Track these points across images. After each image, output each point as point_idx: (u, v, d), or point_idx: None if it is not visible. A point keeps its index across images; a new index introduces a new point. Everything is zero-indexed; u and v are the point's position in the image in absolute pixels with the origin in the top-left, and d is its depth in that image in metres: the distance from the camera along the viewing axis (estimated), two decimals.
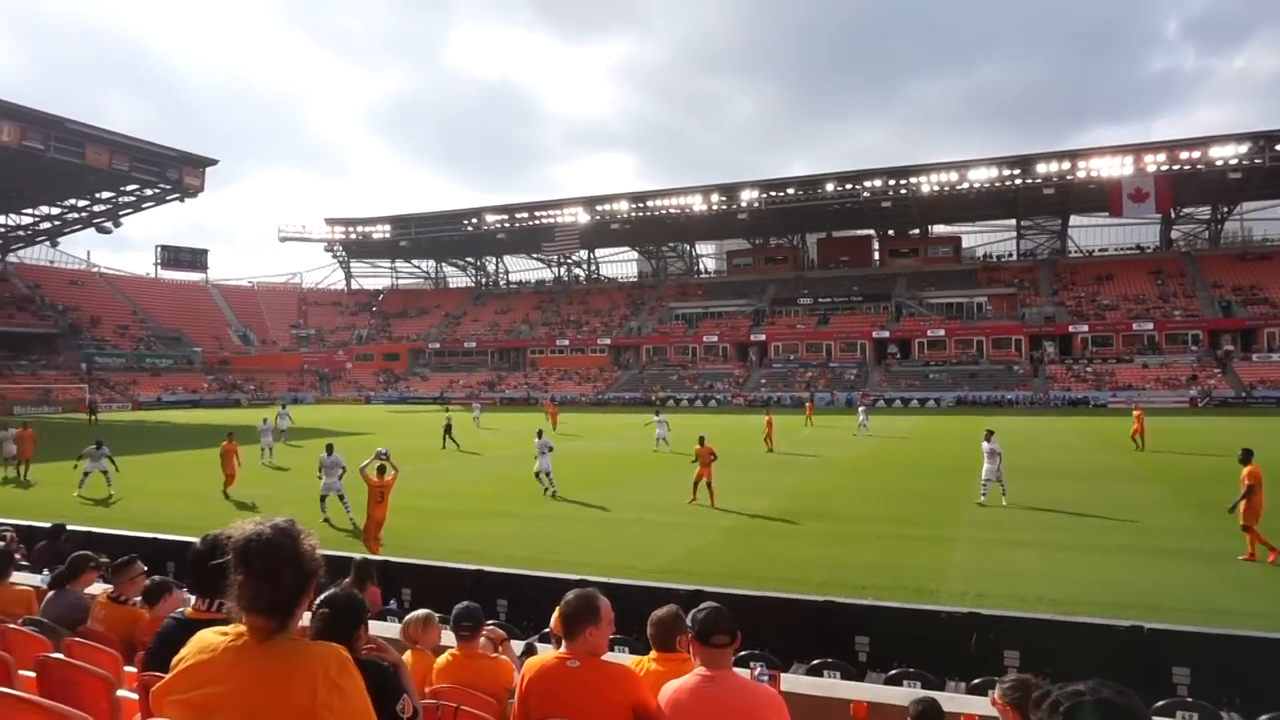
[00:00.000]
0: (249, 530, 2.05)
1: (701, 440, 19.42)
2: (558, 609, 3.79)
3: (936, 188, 72.02)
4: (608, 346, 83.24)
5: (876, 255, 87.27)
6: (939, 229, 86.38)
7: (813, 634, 7.84)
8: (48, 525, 11.28)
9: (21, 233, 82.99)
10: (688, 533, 15.50)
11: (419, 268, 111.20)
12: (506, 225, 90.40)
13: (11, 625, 4.96)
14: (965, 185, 71.17)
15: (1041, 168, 68.71)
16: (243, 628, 2.05)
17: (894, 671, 6.50)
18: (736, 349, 78.27)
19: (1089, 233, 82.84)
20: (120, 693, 3.33)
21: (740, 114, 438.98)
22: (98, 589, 6.93)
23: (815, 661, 6.71)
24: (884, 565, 12.62)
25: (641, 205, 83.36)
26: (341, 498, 17.34)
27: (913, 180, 72.30)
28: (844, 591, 10.42)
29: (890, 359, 71.77)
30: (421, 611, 5.07)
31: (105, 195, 74.70)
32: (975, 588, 11.19)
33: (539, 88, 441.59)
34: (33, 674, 3.55)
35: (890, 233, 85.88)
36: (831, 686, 5.05)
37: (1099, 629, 7.50)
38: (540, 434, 21.57)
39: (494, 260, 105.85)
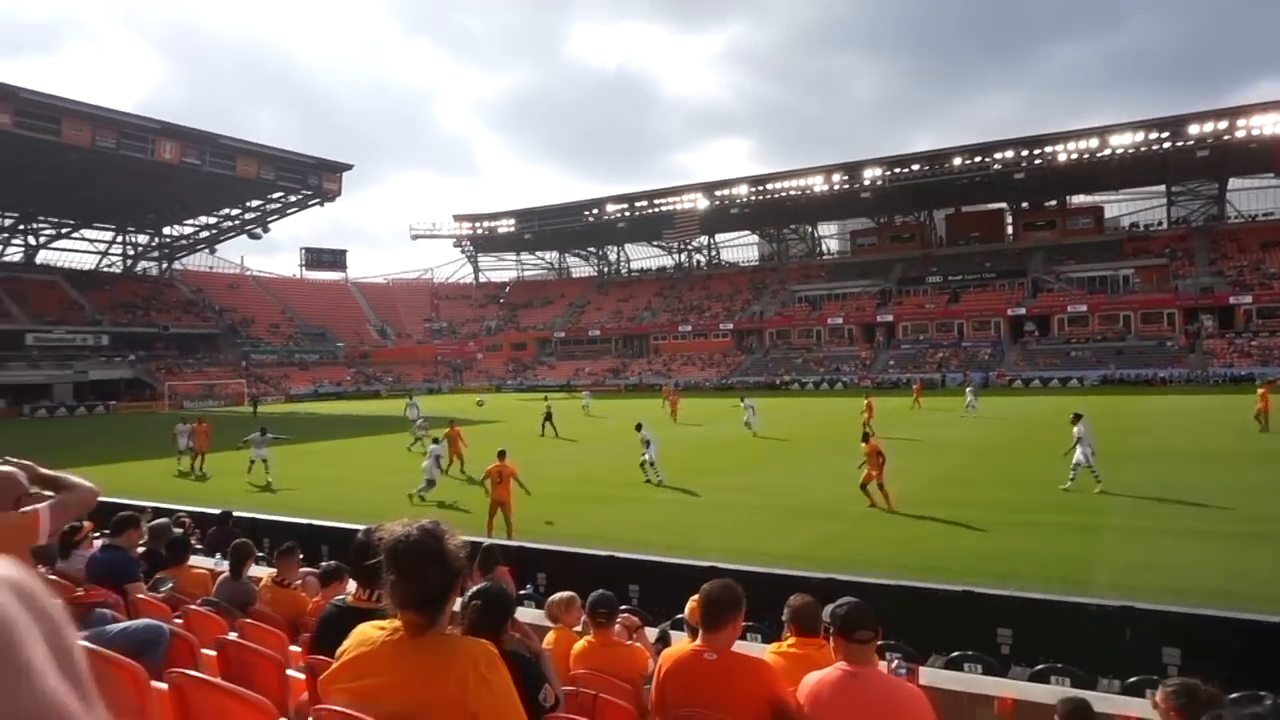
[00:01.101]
0: (398, 532, 2.19)
1: (866, 437, 17.28)
2: (697, 598, 3.82)
3: (1075, 156, 67.68)
4: (730, 331, 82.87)
5: (1010, 229, 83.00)
6: (1078, 199, 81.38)
7: (952, 625, 7.60)
8: (217, 512, 12.23)
9: (184, 242, 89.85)
10: (818, 519, 15.30)
11: (543, 259, 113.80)
12: (626, 214, 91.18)
13: (192, 606, 5.42)
14: (1107, 152, 66.52)
15: (1194, 128, 63.38)
16: (398, 623, 2.19)
17: (1040, 667, 6.25)
18: (862, 330, 76.34)
19: (1251, 196, 75.96)
20: (289, 672, 3.59)
21: (861, 91, 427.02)
22: (262, 572, 7.50)
23: (955, 654, 6.53)
24: (1025, 553, 12.09)
25: (761, 188, 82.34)
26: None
27: (1048, 149, 68.30)
28: (984, 580, 10.04)
29: (1027, 337, 68.31)
30: (565, 593, 5.43)
31: (254, 203, 79.84)
32: (1128, 579, 10.57)
33: (656, 75, 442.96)
34: (214, 653, 3.87)
35: (1024, 205, 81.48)
36: (974, 682, 4.89)
37: (1274, 628, 6.94)
38: (639, 426, 21.32)
39: (615, 249, 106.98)
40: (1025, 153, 69.51)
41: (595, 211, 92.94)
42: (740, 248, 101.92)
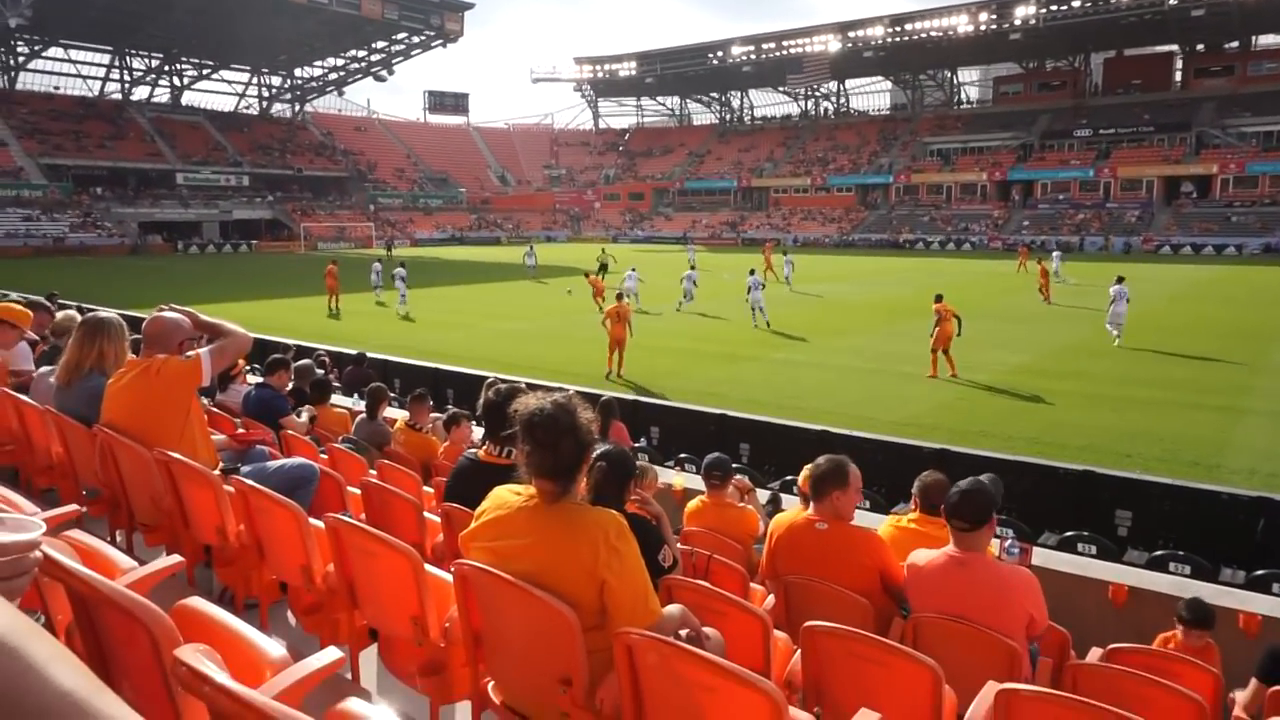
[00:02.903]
0: (532, 405, 2.31)
1: (939, 298, 16.31)
2: (807, 470, 3.89)
3: None
4: (854, 186, 79.58)
5: (1179, 76, 74.72)
6: (1266, 40, 71.92)
7: (1068, 504, 7.47)
8: (353, 352, 13.00)
9: (314, 84, 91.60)
10: (933, 386, 15.04)
11: (664, 104, 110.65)
12: (752, 57, 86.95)
13: (335, 444, 5.88)
14: None
15: None
16: (533, 490, 2.34)
17: (1159, 553, 6.12)
18: (997, 188, 71.80)
19: None
20: (425, 514, 3.89)
21: None
22: (395, 414, 8.02)
23: (1069, 534, 6.45)
24: (1153, 433, 11.60)
25: (899, 29, 76.62)
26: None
27: None
28: (1105, 460, 9.77)
29: (1183, 199, 62.77)
30: (640, 465, 5.47)
31: (379, 44, 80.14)
32: (1267, 466, 10.06)
33: None
34: (358, 492, 4.21)
35: (1199, 48, 72.87)
36: (1087, 565, 4.85)
37: None
38: (752, 271, 23.75)
39: (739, 95, 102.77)
40: None
41: (720, 54, 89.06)
42: (872, 94, 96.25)
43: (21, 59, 72.59)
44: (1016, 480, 7.91)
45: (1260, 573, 5.57)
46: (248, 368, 9.96)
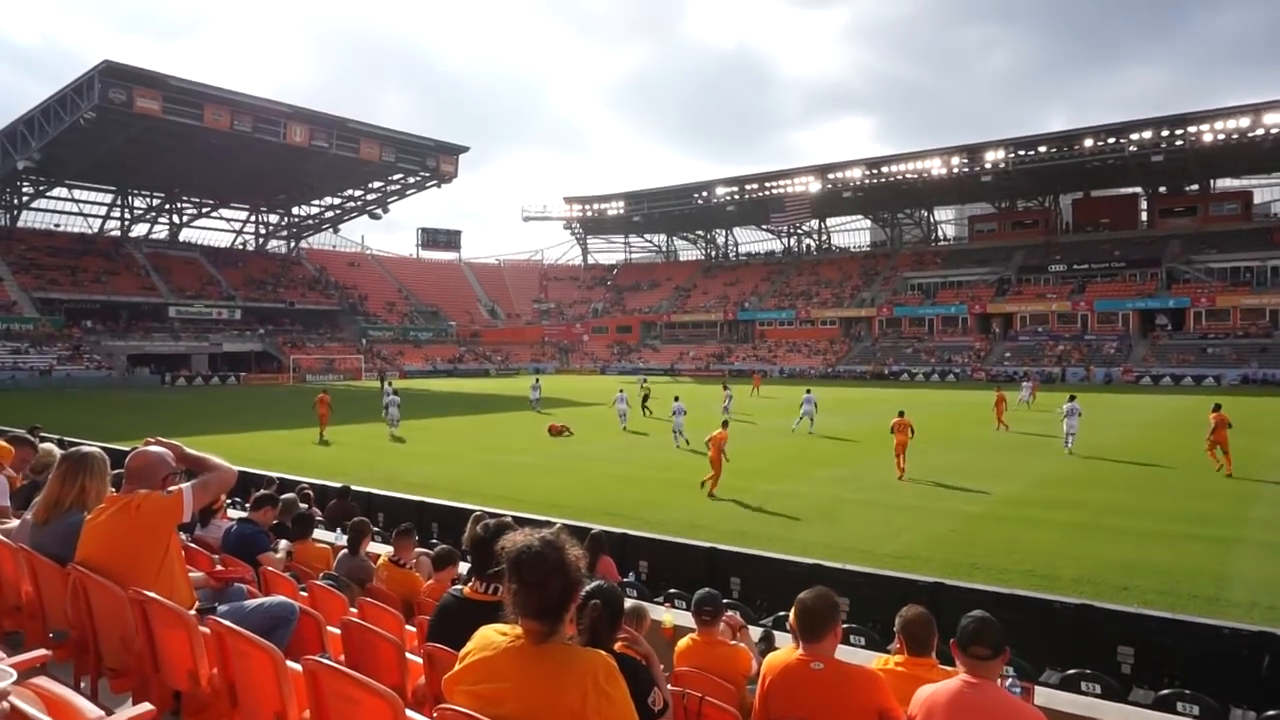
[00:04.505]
0: (520, 542, 2.27)
1: (901, 413, 19.80)
2: (797, 608, 3.78)
3: (1223, 136, 63.07)
4: (837, 319, 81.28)
5: (1144, 216, 78.23)
6: (1223, 184, 75.88)
7: (1067, 640, 7.27)
8: (337, 485, 12.81)
9: (311, 221, 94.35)
10: (925, 517, 14.88)
11: (651, 241, 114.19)
12: (736, 197, 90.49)
13: (315, 581, 5.72)
14: (1261, 131, 61.68)
15: None
16: (519, 630, 2.27)
17: (1166, 692, 5.91)
18: (977, 320, 73.61)
19: None
20: (408, 655, 3.74)
21: (993, 65, 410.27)
22: (379, 550, 7.84)
23: (1071, 671, 6.26)
24: (1149, 565, 11.43)
25: (876, 171, 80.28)
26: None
27: (1192, 130, 63.86)
28: (1102, 593, 9.60)
29: (1159, 331, 64.43)
30: (633, 604, 5.37)
31: (375, 185, 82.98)
32: (1266, 599, 9.89)
33: (776, 52, 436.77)
34: (338, 632, 4.07)
35: (1162, 190, 76.53)
36: (1093, 706, 4.68)
37: None
38: (676, 398, 26.56)
39: (723, 233, 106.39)
40: (1165, 133, 65.18)
41: (704, 194, 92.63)
42: (852, 232, 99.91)
43: (26, 198, 74.68)
44: (1013, 615, 7.74)
45: (1271, 714, 5.38)
46: (229, 502, 9.80)
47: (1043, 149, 71.50)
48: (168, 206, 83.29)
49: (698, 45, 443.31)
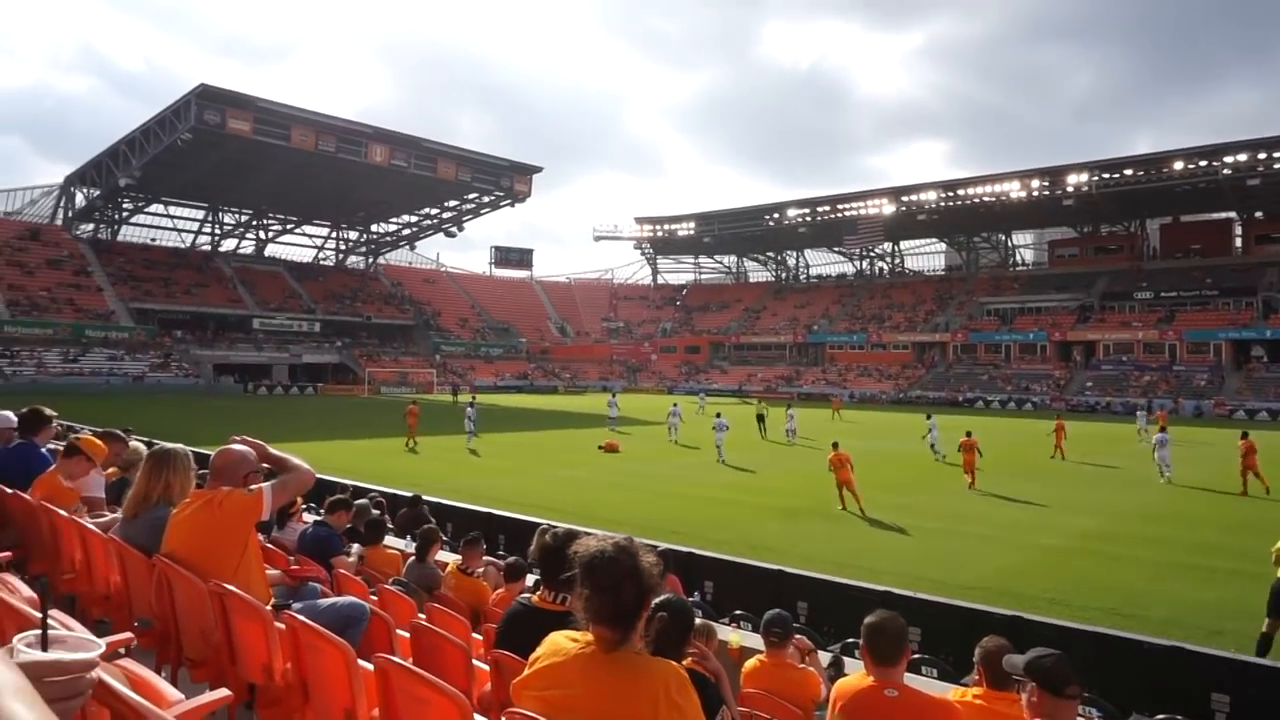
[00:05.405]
0: (593, 548, 2.24)
1: (969, 433, 21.59)
2: (867, 630, 3.66)
3: None
4: (910, 343, 79.76)
5: (1238, 242, 74.76)
6: None
7: (1155, 683, 6.92)
8: (408, 494, 13.05)
9: (388, 238, 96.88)
10: (1000, 548, 14.41)
11: (721, 263, 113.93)
12: (808, 219, 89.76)
13: (385, 585, 5.81)
14: None
15: None
16: (590, 636, 2.24)
17: None
18: (1057, 348, 71.28)
19: None
20: (474, 661, 3.77)
21: (1076, 87, 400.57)
22: (446, 558, 7.94)
23: (1161, 716, 5.95)
24: (1243, 609, 10.78)
25: (951, 194, 78.68)
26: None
27: None
28: (1192, 636, 9.11)
29: (1254, 363, 61.42)
30: (702, 622, 5.36)
31: (451, 203, 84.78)
32: None
33: (850, 75, 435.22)
34: (407, 634, 4.12)
35: (1258, 215, 73.03)
36: None
37: None
38: (719, 414, 27.90)
39: (794, 254, 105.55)
40: (1263, 155, 61.99)
41: (775, 215, 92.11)
42: (926, 255, 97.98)
43: (126, 213, 78.56)
44: (1097, 654, 7.41)
45: None
46: (304, 506, 10.06)
47: (1129, 171, 69.07)
48: (255, 223, 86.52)
49: (770, 67, 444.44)
